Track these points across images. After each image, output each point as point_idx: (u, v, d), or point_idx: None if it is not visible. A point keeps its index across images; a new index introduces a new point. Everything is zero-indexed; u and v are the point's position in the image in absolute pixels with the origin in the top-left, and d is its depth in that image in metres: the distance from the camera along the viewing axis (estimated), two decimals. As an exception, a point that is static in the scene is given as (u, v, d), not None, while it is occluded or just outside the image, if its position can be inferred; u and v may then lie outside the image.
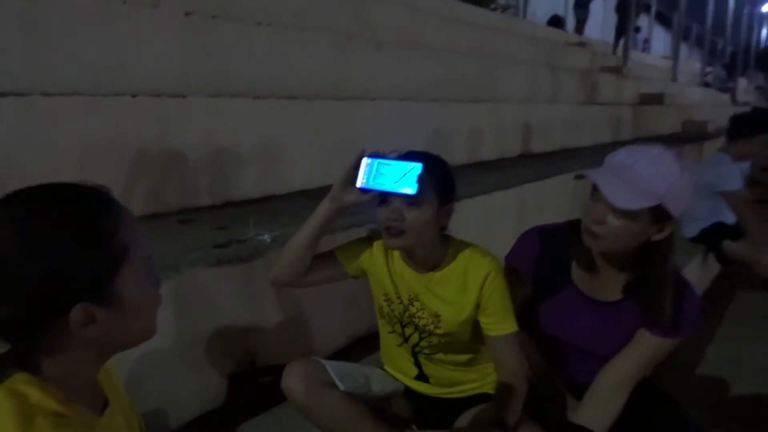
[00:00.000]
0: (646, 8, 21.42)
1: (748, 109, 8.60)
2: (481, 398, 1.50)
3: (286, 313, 1.93)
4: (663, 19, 22.91)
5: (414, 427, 1.55)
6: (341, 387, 1.40)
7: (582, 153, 5.59)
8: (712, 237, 3.85)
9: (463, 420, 1.46)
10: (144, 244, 0.80)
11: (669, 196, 1.27)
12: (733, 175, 3.69)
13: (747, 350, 3.29)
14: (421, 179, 1.27)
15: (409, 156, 1.34)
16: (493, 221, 3.04)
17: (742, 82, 16.97)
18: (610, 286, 1.45)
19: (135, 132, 2.27)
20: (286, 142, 2.90)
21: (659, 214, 1.29)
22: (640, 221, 1.29)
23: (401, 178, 1.29)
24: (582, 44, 11.24)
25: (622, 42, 11.04)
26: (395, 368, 1.60)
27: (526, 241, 1.57)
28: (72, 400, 0.74)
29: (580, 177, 1.34)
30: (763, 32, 26.73)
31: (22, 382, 0.72)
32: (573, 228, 1.43)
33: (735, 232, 3.76)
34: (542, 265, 1.52)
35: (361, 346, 2.01)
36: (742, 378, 2.95)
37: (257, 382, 1.72)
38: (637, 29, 17.69)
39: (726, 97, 13.89)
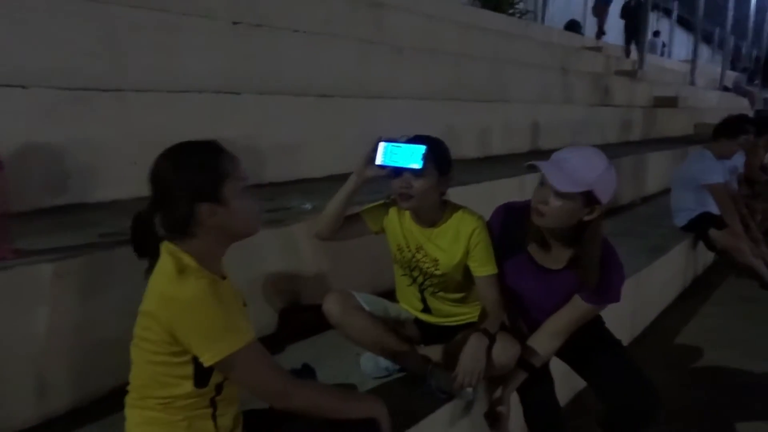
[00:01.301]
0: (667, 12, 21.54)
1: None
2: (472, 326, 1.95)
3: (324, 266, 2.42)
4: (685, 23, 22.96)
5: (422, 345, 2.01)
6: (366, 309, 1.87)
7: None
8: (700, 226, 4.24)
9: (458, 338, 1.92)
10: (239, 171, 1.26)
11: (596, 185, 1.62)
12: (716, 170, 4.07)
13: (723, 326, 3.72)
14: (425, 157, 1.72)
15: (415, 139, 1.78)
16: (497, 202, 3.47)
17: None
18: (555, 257, 1.84)
19: (196, 122, 2.74)
20: (318, 134, 3.37)
21: (589, 199, 1.64)
22: (575, 203, 1.64)
23: (409, 156, 1.74)
24: (598, 48, 11.55)
25: (634, 46, 11.26)
26: (406, 303, 2.07)
27: (496, 214, 1.98)
28: (205, 268, 1.22)
29: (531, 167, 1.69)
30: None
31: (176, 250, 1.20)
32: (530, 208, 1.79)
33: (720, 221, 4.14)
34: (505, 234, 1.91)
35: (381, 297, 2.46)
36: (716, 348, 3.38)
37: (301, 316, 2.20)
38: (656, 33, 17.87)
39: (745, 101, 13.91)
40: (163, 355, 1.18)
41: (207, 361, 1.16)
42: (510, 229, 1.89)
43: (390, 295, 2.13)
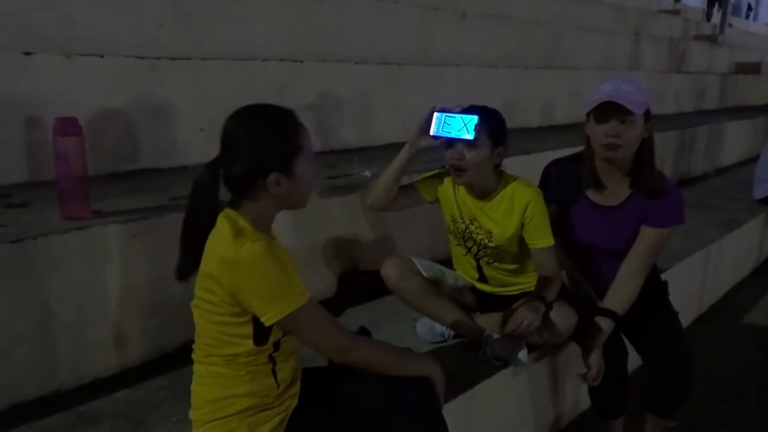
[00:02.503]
0: (754, -29, 20.04)
1: None
2: (528, 295, 1.93)
3: (382, 233, 2.46)
4: (774, -17, 21.32)
5: (478, 313, 2.02)
6: (424, 274, 1.89)
7: (658, 119, 5.72)
8: (780, 199, 4.03)
9: (515, 306, 1.91)
10: (311, 146, 1.29)
11: (648, 101, 1.74)
12: None
13: (799, 303, 3.55)
14: (478, 128, 1.71)
15: (469, 110, 1.76)
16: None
17: None
18: (613, 193, 1.88)
19: (260, 89, 2.78)
20: (380, 102, 3.37)
21: (646, 117, 1.75)
22: (639, 125, 1.73)
23: (463, 127, 1.73)
24: (676, 12, 10.94)
25: (716, 9, 10.60)
26: (463, 271, 2.07)
27: (547, 172, 2.01)
28: (258, 230, 1.25)
29: (595, 105, 1.70)
30: None
31: (233, 214, 1.24)
32: (578, 157, 1.89)
33: (803, 195, 3.92)
34: (561, 186, 1.94)
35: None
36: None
37: (360, 281, 2.25)
38: (741, -6, 16.73)
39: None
40: (224, 316, 1.22)
41: (268, 320, 1.19)
42: (565, 181, 1.94)
43: (448, 262, 2.14)
